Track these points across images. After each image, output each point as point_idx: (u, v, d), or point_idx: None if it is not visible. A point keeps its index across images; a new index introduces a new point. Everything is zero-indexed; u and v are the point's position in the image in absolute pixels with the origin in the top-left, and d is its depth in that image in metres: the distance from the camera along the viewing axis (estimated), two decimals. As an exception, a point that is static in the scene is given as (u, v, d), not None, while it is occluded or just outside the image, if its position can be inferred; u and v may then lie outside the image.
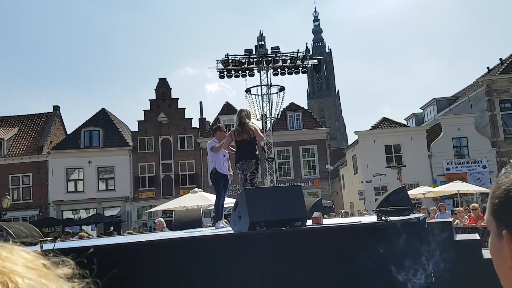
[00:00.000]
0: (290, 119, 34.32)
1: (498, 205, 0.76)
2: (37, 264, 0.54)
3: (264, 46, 26.99)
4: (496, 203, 0.76)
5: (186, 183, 31.96)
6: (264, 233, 4.35)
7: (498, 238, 0.75)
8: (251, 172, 6.57)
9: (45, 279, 0.52)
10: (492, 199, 0.77)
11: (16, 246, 0.56)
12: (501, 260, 0.74)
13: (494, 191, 0.77)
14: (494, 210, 0.76)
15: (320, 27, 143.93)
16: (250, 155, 6.62)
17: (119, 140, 33.42)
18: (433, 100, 37.94)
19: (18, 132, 34.03)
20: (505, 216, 0.74)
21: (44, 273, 0.53)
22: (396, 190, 6.21)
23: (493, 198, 0.77)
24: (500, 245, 0.74)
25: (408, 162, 30.38)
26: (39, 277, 0.51)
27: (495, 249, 0.76)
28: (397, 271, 4.30)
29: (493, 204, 0.76)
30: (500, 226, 0.75)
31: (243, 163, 6.62)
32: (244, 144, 6.62)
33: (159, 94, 34.45)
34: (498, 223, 0.75)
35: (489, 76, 31.50)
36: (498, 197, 0.76)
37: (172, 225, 9.76)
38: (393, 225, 4.51)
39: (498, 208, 0.76)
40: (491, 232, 0.78)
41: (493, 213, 0.77)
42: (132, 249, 4.16)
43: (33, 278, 0.50)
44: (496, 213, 0.76)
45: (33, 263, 0.53)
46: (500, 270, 0.75)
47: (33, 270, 0.52)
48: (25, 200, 31.61)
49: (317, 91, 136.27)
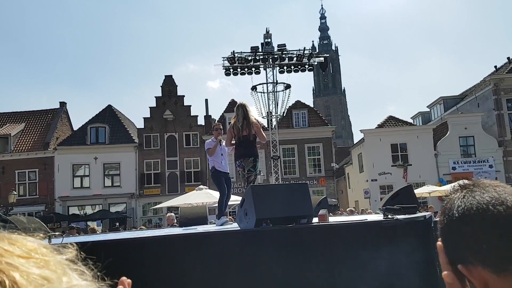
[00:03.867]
0: (296, 117, 34.26)
1: (442, 234, 0.73)
2: (39, 252, 0.51)
3: (271, 43, 26.96)
4: (441, 230, 0.73)
5: (191, 180, 32.03)
6: (270, 230, 4.35)
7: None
8: (248, 170, 6.53)
9: (47, 269, 0.49)
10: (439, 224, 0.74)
11: (16, 235, 0.53)
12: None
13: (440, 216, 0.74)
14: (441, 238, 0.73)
15: (326, 24, 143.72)
16: (249, 153, 6.56)
17: (125, 136, 33.52)
18: (440, 98, 37.75)
19: (24, 128, 34.20)
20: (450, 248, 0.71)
21: (46, 262, 0.50)
22: (402, 189, 6.19)
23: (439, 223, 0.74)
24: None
25: (414, 161, 30.26)
26: (39, 268, 0.48)
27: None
28: (403, 269, 4.29)
29: (440, 231, 0.73)
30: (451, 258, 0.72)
31: (242, 160, 6.57)
32: (243, 141, 6.55)
33: (165, 91, 34.49)
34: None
35: (496, 75, 31.28)
36: (441, 223, 0.73)
37: (178, 222, 9.80)
38: (399, 223, 4.50)
39: (443, 237, 0.73)
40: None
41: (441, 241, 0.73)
42: (141, 244, 4.18)
43: (33, 270, 0.48)
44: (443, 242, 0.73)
45: (34, 252, 0.51)
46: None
47: (34, 261, 0.49)
48: (31, 195, 31.79)
49: (323, 89, 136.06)
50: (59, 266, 0.51)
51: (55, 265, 0.50)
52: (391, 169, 30.49)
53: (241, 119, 6.54)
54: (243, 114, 6.54)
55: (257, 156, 6.64)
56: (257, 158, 6.63)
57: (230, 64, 26.38)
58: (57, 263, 0.51)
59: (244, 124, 6.50)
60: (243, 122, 6.51)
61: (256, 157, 6.58)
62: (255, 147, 6.61)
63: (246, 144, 6.54)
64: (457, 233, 0.69)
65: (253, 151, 6.58)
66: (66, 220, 29.13)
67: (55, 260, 0.51)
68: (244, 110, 6.57)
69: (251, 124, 6.49)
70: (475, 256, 0.67)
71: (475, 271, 0.68)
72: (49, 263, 0.50)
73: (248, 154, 6.55)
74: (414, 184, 25.11)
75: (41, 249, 0.52)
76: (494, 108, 30.51)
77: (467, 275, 0.70)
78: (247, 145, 6.55)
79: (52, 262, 0.51)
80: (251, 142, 6.54)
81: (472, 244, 0.67)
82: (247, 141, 6.53)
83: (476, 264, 0.68)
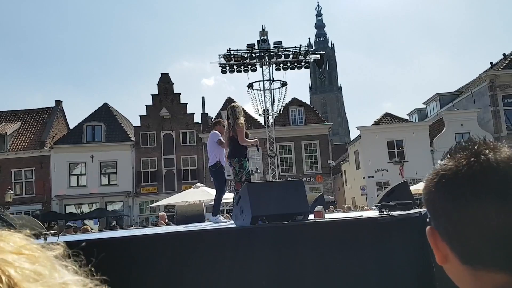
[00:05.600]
0: (292, 115, 34.28)
1: (423, 201, 0.73)
2: (29, 248, 0.51)
3: (267, 41, 26.94)
4: (423, 199, 0.73)
5: (188, 178, 32.02)
6: (266, 227, 4.36)
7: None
8: (238, 170, 6.59)
9: (38, 265, 0.49)
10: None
11: (3, 231, 0.53)
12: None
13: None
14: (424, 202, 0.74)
15: (322, 21, 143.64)
16: (233, 153, 6.64)
17: (121, 135, 33.46)
18: (436, 95, 37.83)
19: (20, 127, 34.09)
20: (428, 211, 0.72)
21: (36, 258, 0.50)
22: (398, 185, 6.21)
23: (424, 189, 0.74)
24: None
25: (410, 157, 30.33)
26: (32, 264, 0.48)
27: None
28: (398, 265, 4.31)
29: (423, 199, 0.74)
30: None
31: (230, 161, 6.71)
32: (230, 142, 6.69)
33: (161, 89, 34.43)
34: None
35: (492, 71, 31.37)
36: (423, 194, 0.73)
37: (175, 219, 9.79)
38: (395, 220, 4.52)
39: (424, 204, 0.73)
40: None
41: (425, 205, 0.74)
42: (135, 243, 4.18)
43: (26, 266, 0.47)
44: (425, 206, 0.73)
45: (24, 248, 0.50)
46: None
47: (25, 257, 0.49)
48: (27, 194, 31.72)
49: (320, 86, 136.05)
50: (48, 262, 0.50)
51: (45, 261, 0.50)
52: (387, 166, 30.56)
53: (228, 120, 6.75)
54: (232, 115, 6.69)
55: (242, 155, 6.63)
56: (243, 157, 6.62)
57: (226, 61, 26.36)
58: (46, 258, 0.51)
59: (230, 125, 6.66)
60: (229, 123, 6.70)
61: (240, 157, 6.59)
62: (240, 147, 6.62)
63: (233, 144, 6.65)
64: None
65: (236, 152, 6.63)
66: (63, 219, 29.08)
67: (45, 256, 0.51)
68: (233, 111, 6.72)
69: (235, 125, 6.58)
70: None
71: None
72: (39, 258, 0.50)
73: (233, 155, 6.66)
74: (411, 180, 25.18)
75: (30, 245, 0.52)
76: (490, 105, 30.60)
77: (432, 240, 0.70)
78: (233, 146, 6.66)
79: (42, 257, 0.50)
80: (235, 142, 6.60)
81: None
82: (233, 141, 6.64)
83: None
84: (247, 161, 6.70)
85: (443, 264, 0.70)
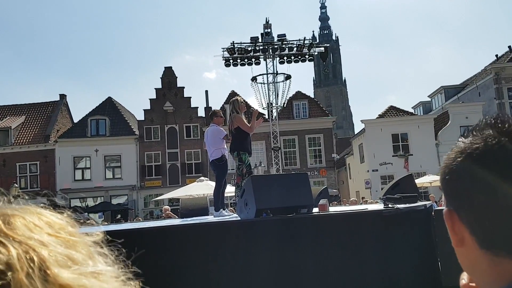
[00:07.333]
0: (296, 108, 34.18)
1: (441, 181, 0.69)
2: (67, 231, 0.49)
3: (270, 33, 26.81)
4: (441, 178, 0.70)
5: (192, 172, 32.05)
6: (270, 220, 4.35)
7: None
8: (238, 164, 6.58)
9: (73, 250, 0.47)
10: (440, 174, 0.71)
11: (44, 210, 0.51)
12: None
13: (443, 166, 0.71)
14: (441, 185, 0.70)
15: (327, 14, 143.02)
16: (233, 147, 6.64)
17: (125, 129, 33.50)
18: (441, 88, 37.61)
19: (25, 121, 34.18)
20: (447, 192, 0.68)
21: (73, 242, 0.48)
22: (403, 178, 6.18)
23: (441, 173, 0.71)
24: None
25: (415, 150, 30.22)
26: (67, 248, 0.47)
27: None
28: (403, 257, 4.29)
29: (440, 179, 0.70)
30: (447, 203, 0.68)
31: (231, 155, 6.72)
32: (231, 136, 6.70)
33: (165, 82, 34.40)
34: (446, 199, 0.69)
35: (497, 63, 31.14)
36: (442, 173, 0.69)
37: (179, 213, 9.80)
38: (400, 212, 4.49)
39: (442, 184, 0.70)
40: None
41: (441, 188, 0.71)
42: (141, 235, 4.18)
43: (61, 250, 0.46)
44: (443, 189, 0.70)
45: (62, 230, 0.49)
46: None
47: (62, 240, 0.47)
48: (32, 188, 31.86)
49: (324, 80, 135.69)
50: (85, 247, 0.49)
51: (81, 247, 0.49)
52: (392, 159, 30.46)
53: (229, 114, 6.77)
54: (232, 109, 6.71)
55: (240, 149, 6.56)
56: (242, 151, 6.56)
57: (230, 55, 26.27)
58: (83, 244, 0.49)
59: (229, 119, 6.67)
60: (229, 117, 6.73)
61: (239, 151, 6.54)
62: (239, 140, 6.58)
63: (232, 138, 6.66)
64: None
65: (233, 146, 6.63)
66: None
67: (82, 242, 0.50)
68: (234, 105, 6.72)
69: (233, 118, 6.58)
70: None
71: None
72: (76, 243, 0.49)
73: (231, 149, 6.67)
74: (415, 173, 25.10)
75: (69, 228, 0.50)
76: (495, 97, 30.41)
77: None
78: (232, 140, 6.66)
79: (79, 243, 0.49)
80: (234, 136, 6.60)
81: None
82: (233, 135, 6.64)
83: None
84: (247, 154, 6.64)
85: (458, 247, 0.67)
